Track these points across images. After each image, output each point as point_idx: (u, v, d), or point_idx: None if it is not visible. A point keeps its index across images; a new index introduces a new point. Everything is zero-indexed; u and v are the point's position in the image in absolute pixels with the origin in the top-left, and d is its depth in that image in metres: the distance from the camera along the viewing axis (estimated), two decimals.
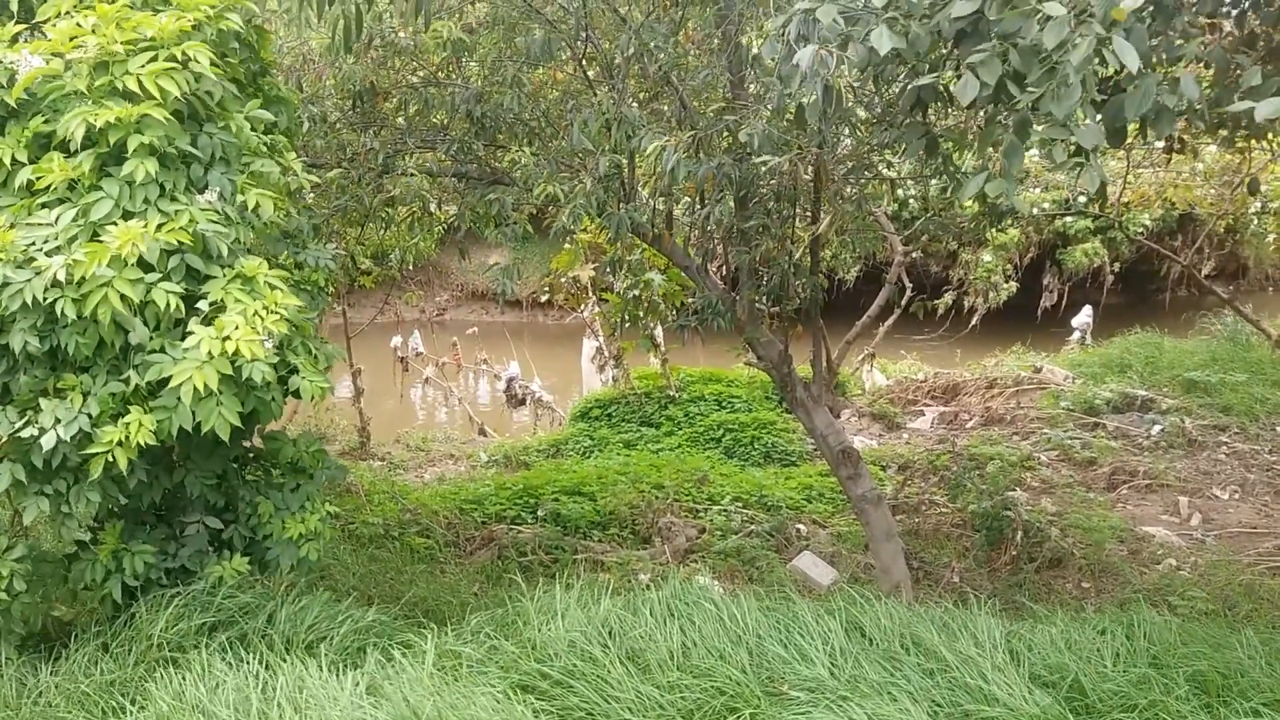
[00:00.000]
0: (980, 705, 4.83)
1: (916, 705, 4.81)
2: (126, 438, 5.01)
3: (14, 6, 5.50)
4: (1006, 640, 5.44)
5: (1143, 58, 4.28)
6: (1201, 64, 4.87)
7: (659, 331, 13.88)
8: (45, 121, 5.22)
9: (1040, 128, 4.05)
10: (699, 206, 8.03)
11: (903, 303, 12.36)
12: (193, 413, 5.08)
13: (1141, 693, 4.94)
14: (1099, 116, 4.19)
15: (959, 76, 3.97)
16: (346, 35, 5.87)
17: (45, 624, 6.14)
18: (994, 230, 15.74)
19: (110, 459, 5.05)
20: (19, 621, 5.64)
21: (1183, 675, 5.10)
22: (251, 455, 6.65)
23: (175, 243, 5.01)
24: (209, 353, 4.93)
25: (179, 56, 5.13)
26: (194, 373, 4.93)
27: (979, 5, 3.92)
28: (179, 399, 4.97)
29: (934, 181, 9.60)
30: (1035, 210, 18.66)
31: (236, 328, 4.99)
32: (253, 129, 5.70)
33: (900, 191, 12.60)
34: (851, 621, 5.74)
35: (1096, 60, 3.71)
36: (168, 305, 4.97)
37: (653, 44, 6.85)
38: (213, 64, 5.26)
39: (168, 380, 4.99)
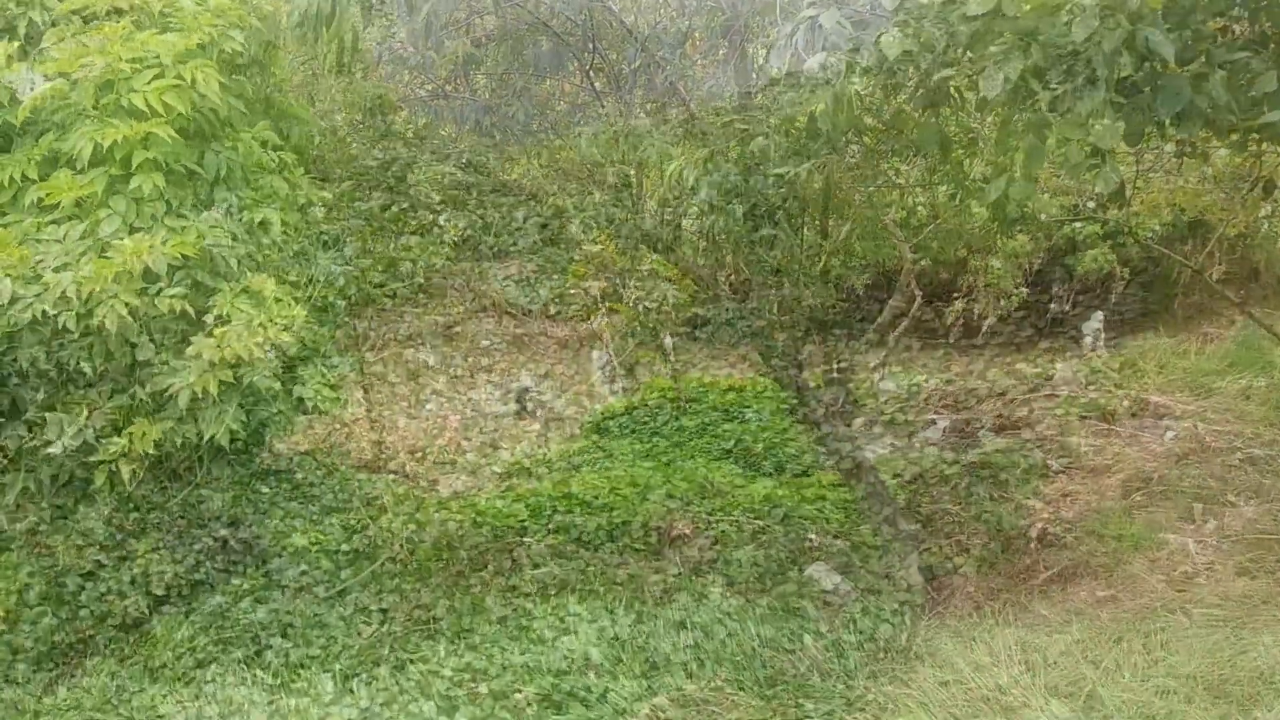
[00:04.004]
0: (997, 716, 4.78)
1: (933, 716, 4.78)
2: (129, 448, 5.03)
3: (21, 31, 5.51)
4: (1022, 650, 5.39)
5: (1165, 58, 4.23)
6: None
7: (669, 342, 13.86)
8: (56, 140, 5.23)
9: (1057, 127, 4.00)
10: (708, 215, 8.01)
11: (913, 311, 12.31)
12: (196, 419, 5.09)
13: (1161, 702, 4.89)
14: (1118, 116, 4.15)
15: (970, 77, 3.94)
16: (340, 57, 5.96)
17: (62, 641, 6.13)
18: (1003, 237, 15.67)
19: (114, 469, 5.07)
20: (32, 638, 5.64)
21: (1202, 684, 5.04)
22: (264, 469, 6.65)
23: (181, 257, 5.02)
24: (210, 361, 4.94)
25: (185, 75, 5.14)
26: (195, 379, 4.95)
27: (995, 4, 3.86)
28: (181, 408, 4.99)
29: (942, 189, 9.57)
30: (1045, 216, 18.58)
31: (239, 337, 4.99)
32: (262, 146, 5.70)
33: (909, 199, 12.55)
34: (865, 632, 5.71)
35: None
36: (172, 311, 4.98)
37: (659, 55, 6.84)
38: (220, 83, 5.27)
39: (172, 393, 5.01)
